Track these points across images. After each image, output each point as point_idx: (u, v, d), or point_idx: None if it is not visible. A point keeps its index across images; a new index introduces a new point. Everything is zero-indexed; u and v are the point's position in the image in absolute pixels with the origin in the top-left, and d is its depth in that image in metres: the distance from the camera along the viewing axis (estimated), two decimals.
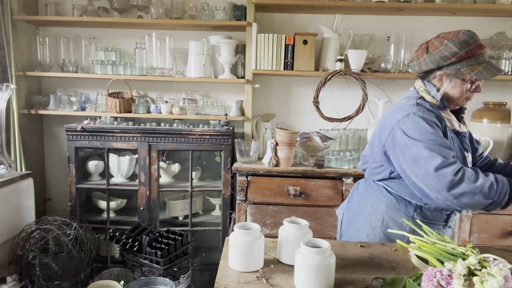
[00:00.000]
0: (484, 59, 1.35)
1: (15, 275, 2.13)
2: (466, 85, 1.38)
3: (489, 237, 2.36)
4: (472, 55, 1.34)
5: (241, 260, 1.06)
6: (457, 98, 1.42)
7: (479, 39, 1.36)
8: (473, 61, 1.34)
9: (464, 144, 1.46)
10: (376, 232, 1.47)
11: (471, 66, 1.34)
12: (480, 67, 1.34)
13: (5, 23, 2.59)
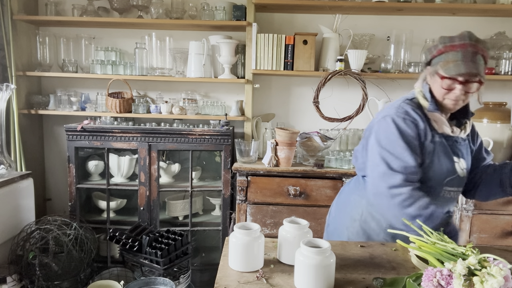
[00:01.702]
0: (463, 58, 1.26)
1: (15, 275, 2.13)
2: (441, 83, 1.33)
3: (489, 237, 2.36)
4: (450, 50, 1.29)
5: (241, 260, 1.06)
6: (438, 97, 1.37)
7: (471, 39, 1.28)
8: (450, 57, 1.29)
9: (456, 149, 1.41)
10: (355, 225, 1.51)
11: (446, 62, 1.30)
12: (452, 64, 1.28)
13: (5, 23, 2.59)
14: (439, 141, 1.38)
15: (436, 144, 1.37)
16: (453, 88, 1.31)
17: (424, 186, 1.36)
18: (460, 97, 1.32)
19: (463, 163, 1.42)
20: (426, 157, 1.37)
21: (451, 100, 1.34)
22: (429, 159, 1.37)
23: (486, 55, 1.31)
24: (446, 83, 1.32)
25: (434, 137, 1.38)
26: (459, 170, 1.41)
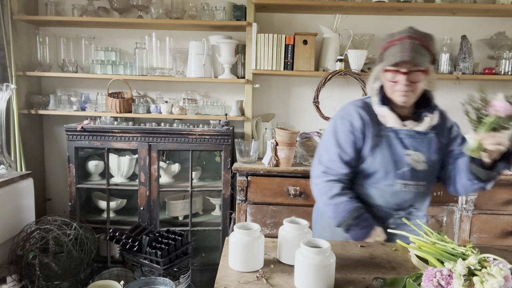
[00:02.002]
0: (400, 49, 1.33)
1: (15, 275, 2.13)
2: (386, 76, 1.40)
3: (489, 237, 2.36)
4: (391, 45, 1.37)
5: (241, 260, 1.06)
6: (388, 92, 1.43)
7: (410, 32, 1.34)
8: (391, 51, 1.36)
9: (410, 142, 1.43)
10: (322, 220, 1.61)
11: (387, 56, 1.37)
12: (392, 56, 1.34)
13: (5, 23, 2.59)
14: (387, 135, 1.43)
15: (382, 138, 1.43)
16: (397, 80, 1.37)
17: (373, 178, 1.45)
18: (405, 88, 1.36)
19: (419, 156, 1.43)
20: (370, 150, 1.43)
21: (398, 92, 1.38)
22: (373, 152, 1.43)
23: (430, 46, 1.36)
24: (390, 75, 1.38)
25: (381, 131, 1.44)
26: (413, 162, 1.42)
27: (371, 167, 1.44)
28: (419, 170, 1.43)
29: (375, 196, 1.47)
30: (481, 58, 2.72)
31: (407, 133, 1.43)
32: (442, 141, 1.49)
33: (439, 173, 1.52)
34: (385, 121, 1.45)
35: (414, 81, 1.36)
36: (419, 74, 1.35)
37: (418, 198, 1.48)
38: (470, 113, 1.24)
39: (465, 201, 2.30)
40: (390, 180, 1.43)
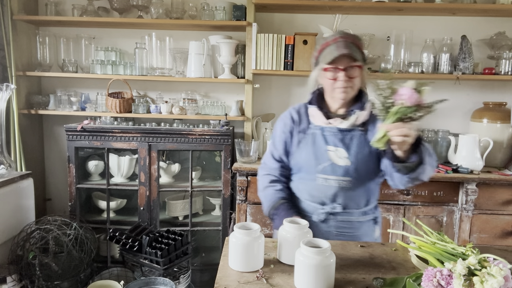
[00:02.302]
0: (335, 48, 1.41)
1: (15, 275, 2.13)
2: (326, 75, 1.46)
3: (489, 237, 2.36)
4: (326, 46, 1.45)
5: (241, 260, 1.06)
6: (329, 91, 1.50)
7: (341, 34, 1.45)
8: (326, 51, 1.44)
9: (334, 138, 1.48)
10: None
11: (324, 56, 1.45)
12: (328, 54, 1.42)
13: (5, 23, 2.59)
14: (313, 132, 1.52)
15: (308, 135, 1.52)
16: (337, 77, 1.44)
17: (300, 173, 1.55)
18: (344, 84, 1.43)
19: (340, 152, 1.47)
20: (296, 147, 1.54)
21: (339, 89, 1.45)
22: (299, 149, 1.53)
23: (359, 44, 1.46)
24: (329, 74, 1.45)
25: (309, 129, 1.54)
26: (336, 158, 1.47)
27: (298, 163, 1.54)
28: (341, 165, 1.46)
29: (302, 190, 1.55)
30: (481, 58, 2.72)
31: (330, 130, 1.50)
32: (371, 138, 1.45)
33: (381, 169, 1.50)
34: (314, 120, 1.54)
35: (352, 76, 1.44)
36: (356, 70, 1.44)
37: (342, 194, 1.48)
38: (377, 102, 1.19)
39: (465, 201, 2.30)
40: (312, 175, 1.49)
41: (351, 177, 1.46)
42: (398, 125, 1.15)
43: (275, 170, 1.60)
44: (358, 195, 1.50)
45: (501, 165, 2.56)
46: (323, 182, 1.48)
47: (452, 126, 2.80)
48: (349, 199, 1.49)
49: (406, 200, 2.36)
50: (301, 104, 1.64)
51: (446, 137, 2.61)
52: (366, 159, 1.46)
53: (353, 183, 1.47)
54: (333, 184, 1.47)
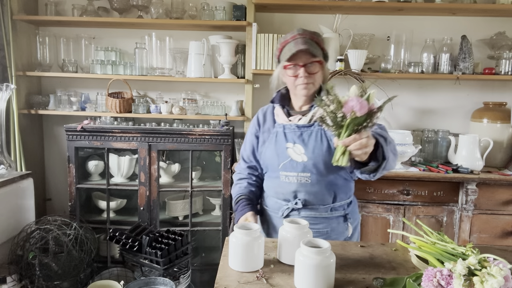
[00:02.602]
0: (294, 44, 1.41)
1: (15, 275, 2.13)
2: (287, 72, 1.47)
3: (489, 237, 2.36)
4: (286, 44, 1.45)
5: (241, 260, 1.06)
6: (292, 88, 1.52)
7: (299, 31, 1.45)
8: (286, 49, 1.44)
9: (293, 135, 1.50)
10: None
11: (283, 54, 1.45)
12: (288, 52, 1.42)
13: (5, 23, 2.59)
14: (276, 131, 1.55)
15: (272, 134, 1.56)
16: (298, 74, 1.46)
17: (268, 171, 1.58)
18: (305, 80, 1.45)
19: (299, 148, 1.47)
20: (261, 146, 1.58)
21: (300, 86, 1.47)
22: (264, 147, 1.57)
23: (318, 41, 1.48)
24: (290, 71, 1.47)
25: (273, 127, 1.57)
26: (294, 155, 1.48)
27: (264, 161, 1.58)
28: (300, 162, 1.47)
29: (269, 188, 1.59)
30: (481, 58, 2.72)
31: (290, 128, 1.52)
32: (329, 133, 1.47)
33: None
34: (277, 118, 1.57)
35: (312, 72, 1.46)
36: (316, 65, 1.46)
37: (303, 190, 1.48)
38: (326, 119, 1.13)
39: (465, 201, 2.30)
40: (276, 172, 1.52)
41: (310, 172, 1.46)
42: (355, 137, 1.09)
43: (244, 170, 1.67)
44: (321, 191, 1.48)
45: (501, 165, 2.56)
46: (285, 179, 1.50)
47: (452, 126, 2.80)
48: (311, 195, 1.48)
49: (406, 200, 2.36)
50: (270, 104, 1.66)
51: (446, 137, 2.61)
52: (325, 154, 1.45)
53: (313, 179, 1.47)
54: (293, 180, 1.49)
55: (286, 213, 1.51)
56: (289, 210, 1.51)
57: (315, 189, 1.48)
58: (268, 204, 1.61)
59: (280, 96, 1.60)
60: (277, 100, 1.59)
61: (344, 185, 1.53)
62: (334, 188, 1.49)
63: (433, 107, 2.84)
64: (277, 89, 1.62)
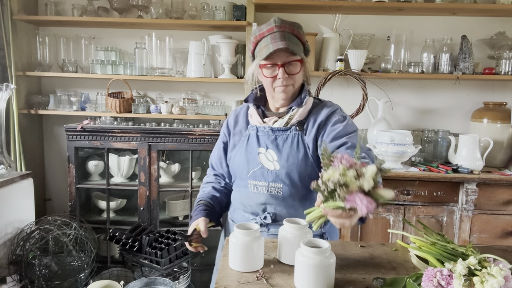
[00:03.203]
0: (271, 40, 1.24)
1: (15, 275, 2.13)
2: (264, 72, 1.30)
3: (489, 237, 2.36)
4: (261, 38, 1.28)
5: (241, 260, 1.06)
6: (269, 89, 1.33)
7: (276, 22, 1.26)
8: (262, 44, 1.27)
9: (266, 139, 1.33)
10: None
11: (260, 50, 1.28)
12: (264, 49, 1.25)
13: (5, 23, 2.59)
14: (249, 133, 1.38)
15: (245, 137, 1.39)
16: (276, 74, 1.28)
17: (236, 180, 1.42)
18: (284, 82, 1.28)
19: (271, 154, 1.31)
20: (231, 151, 1.42)
21: (278, 88, 1.30)
22: (234, 152, 1.40)
23: (299, 35, 1.29)
24: (267, 71, 1.29)
25: (246, 130, 1.40)
26: (266, 161, 1.31)
27: (233, 168, 1.41)
28: (271, 170, 1.30)
29: (236, 199, 1.42)
30: (481, 58, 2.72)
31: (263, 130, 1.34)
32: (308, 140, 1.32)
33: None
34: (251, 120, 1.40)
35: (292, 72, 1.28)
36: (297, 65, 1.28)
37: (273, 202, 1.32)
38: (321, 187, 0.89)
39: (465, 201, 2.30)
40: (244, 181, 1.36)
41: (282, 183, 1.29)
42: (338, 214, 0.89)
43: (212, 176, 1.53)
44: (294, 205, 1.32)
45: (501, 165, 2.56)
46: (253, 189, 1.33)
47: (452, 126, 2.80)
48: (283, 209, 1.32)
49: (406, 200, 2.36)
50: (244, 104, 1.47)
51: (446, 137, 2.61)
52: (301, 164, 1.29)
53: (286, 190, 1.30)
54: (262, 191, 1.32)
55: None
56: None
57: (288, 203, 1.31)
58: (234, 218, 1.44)
59: (255, 95, 1.41)
60: (251, 100, 1.40)
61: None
62: (309, 202, 1.30)
63: (433, 107, 2.84)
64: (252, 88, 1.42)
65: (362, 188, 0.84)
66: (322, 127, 1.32)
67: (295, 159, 1.29)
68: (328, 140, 1.27)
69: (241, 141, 1.39)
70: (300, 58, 1.28)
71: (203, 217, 1.36)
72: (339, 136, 1.26)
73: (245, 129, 1.40)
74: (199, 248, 1.37)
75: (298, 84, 1.34)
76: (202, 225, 1.34)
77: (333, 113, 1.33)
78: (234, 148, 1.42)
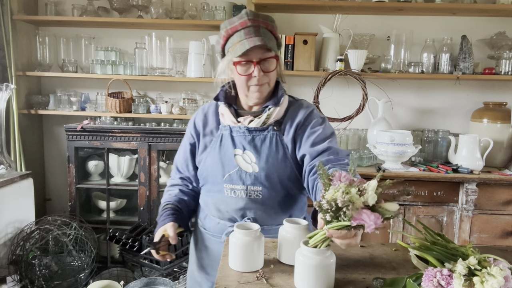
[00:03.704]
0: (245, 35, 1.17)
1: (15, 275, 2.13)
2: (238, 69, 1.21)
3: (489, 237, 2.36)
4: (233, 32, 1.20)
5: (241, 260, 1.06)
6: (243, 88, 1.25)
7: (249, 16, 1.18)
8: (235, 39, 1.19)
9: (242, 140, 1.26)
10: None
11: (232, 46, 1.20)
12: (238, 44, 1.17)
13: (5, 23, 2.59)
14: (221, 133, 1.29)
15: (217, 138, 1.30)
16: (251, 72, 1.20)
17: (207, 184, 1.32)
18: (259, 81, 1.21)
19: (250, 156, 1.25)
20: (202, 153, 1.32)
21: (253, 87, 1.23)
22: (205, 154, 1.31)
23: (272, 29, 1.24)
24: (241, 69, 1.20)
25: (218, 130, 1.31)
26: (243, 163, 1.25)
27: (204, 172, 1.32)
28: (250, 172, 1.24)
29: (210, 205, 1.33)
30: (481, 58, 2.72)
31: (238, 130, 1.26)
32: (286, 140, 1.27)
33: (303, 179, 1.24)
34: (223, 119, 1.31)
35: (268, 70, 1.21)
36: (272, 61, 1.22)
37: (253, 207, 1.26)
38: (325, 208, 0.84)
39: (465, 201, 2.30)
40: (219, 185, 1.27)
41: (261, 186, 1.24)
42: (343, 234, 0.85)
43: (177, 179, 1.42)
44: (274, 207, 1.27)
45: (501, 165, 2.56)
46: (230, 194, 1.26)
47: (452, 126, 2.80)
48: (262, 213, 1.27)
49: (406, 200, 2.36)
50: (212, 102, 1.38)
51: (446, 137, 2.61)
52: (280, 165, 1.24)
53: (265, 193, 1.25)
54: (241, 195, 1.25)
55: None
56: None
57: (267, 206, 1.26)
58: (206, 225, 1.35)
59: (226, 92, 1.32)
60: (222, 98, 1.31)
61: (300, 200, 1.33)
62: (289, 204, 1.28)
63: (433, 107, 2.84)
64: (222, 84, 1.34)
65: (367, 204, 0.82)
66: (300, 128, 1.27)
67: (274, 160, 1.24)
68: (309, 144, 1.23)
69: (213, 142, 1.30)
70: (275, 55, 1.22)
71: (171, 222, 1.27)
72: (320, 141, 1.23)
73: (217, 129, 1.31)
74: (167, 257, 1.27)
75: (273, 82, 1.28)
76: (171, 231, 1.25)
77: (311, 114, 1.30)
78: (204, 150, 1.32)
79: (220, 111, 1.32)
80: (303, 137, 1.25)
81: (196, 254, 1.41)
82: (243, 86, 1.24)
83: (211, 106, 1.38)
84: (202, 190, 1.37)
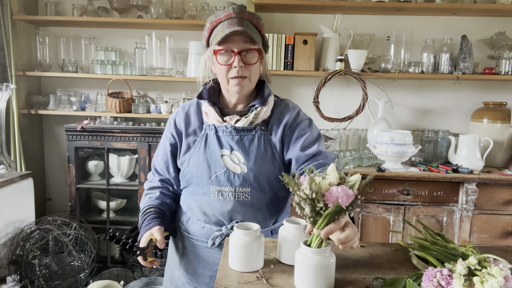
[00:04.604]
0: (228, 25, 1.15)
1: (15, 275, 2.13)
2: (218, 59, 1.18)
3: (489, 237, 2.36)
4: (217, 24, 1.18)
5: (241, 260, 1.06)
6: (223, 81, 1.21)
7: (235, 10, 1.17)
8: (218, 30, 1.17)
9: (229, 140, 1.22)
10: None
11: (215, 36, 1.18)
12: (220, 33, 1.15)
13: (5, 23, 2.59)
14: (205, 133, 1.25)
15: (201, 138, 1.26)
16: (232, 62, 1.17)
17: (191, 186, 1.28)
18: (240, 73, 1.17)
19: (238, 156, 1.22)
20: (184, 154, 1.28)
21: (234, 80, 1.18)
22: (188, 155, 1.27)
23: (258, 25, 1.21)
24: (221, 58, 1.17)
25: (202, 130, 1.26)
26: (231, 164, 1.21)
27: (188, 173, 1.27)
28: (238, 173, 1.21)
29: (194, 209, 1.28)
30: (481, 58, 2.72)
31: (225, 130, 1.22)
32: (274, 140, 1.25)
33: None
34: (207, 118, 1.26)
35: (249, 62, 1.18)
36: (254, 54, 1.18)
37: (241, 210, 1.23)
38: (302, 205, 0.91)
39: (465, 201, 2.30)
40: (205, 187, 1.23)
41: (250, 187, 1.21)
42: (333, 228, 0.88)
43: (156, 182, 1.37)
44: (262, 210, 1.25)
45: (501, 165, 2.56)
46: (217, 196, 1.22)
47: (452, 126, 2.80)
48: (251, 215, 1.24)
49: (406, 200, 2.36)
50: (194, 100, 1.33)
51: (446, 137, 2.61)
52: (269, 165, 1.22)
53: (254, 195, 1.22)
54: (229, 197, 1.21)
55: (219, 242, 1.23)
56: (222, 237, 1.23)
57: (255, 208, 1.24)
58: (190, 230, 1.31)
59: (209, 90, 1.27)
60: (205, 96, 1.26)
61: (285, 202, 1.32)
62: (276, 206, 1.27)
63: (433, 107, 2.84)
64: (204, 82, 1.30)
65: (332, 184, 0.88)
66: (288, 129, 1.26)
67: (263, 161, 1.22)
68: (298, 147, 1.22)
69: (197, 143, 1.26)
70: (258, 48, 1.19)
71: (157, 226, 1.24)
72: (309, 144, 1.23)
73: (200, 128, 1.27)
74: (155, 263, 1.23)
75: (254, 79, 1.23)
76: (158, 235, 1.21)
77: (298, 115, 1.31)
78: (188, 150, 1.27)
79: (204, 110, 1.27)
80: (292, 139, 1.25)
81: (179, 259, 1.37)
82: (223, 79, 1.20)
83: (192, 104, 1.33)
84: (184, 192, 1.33)
